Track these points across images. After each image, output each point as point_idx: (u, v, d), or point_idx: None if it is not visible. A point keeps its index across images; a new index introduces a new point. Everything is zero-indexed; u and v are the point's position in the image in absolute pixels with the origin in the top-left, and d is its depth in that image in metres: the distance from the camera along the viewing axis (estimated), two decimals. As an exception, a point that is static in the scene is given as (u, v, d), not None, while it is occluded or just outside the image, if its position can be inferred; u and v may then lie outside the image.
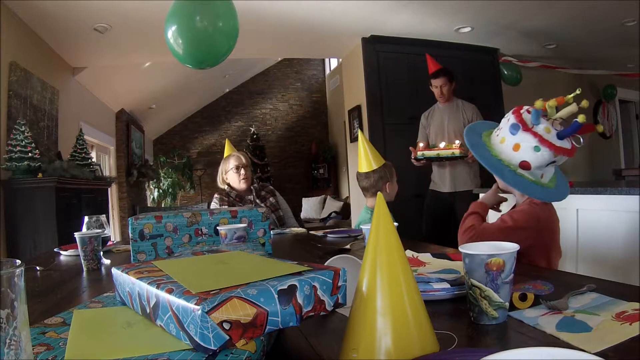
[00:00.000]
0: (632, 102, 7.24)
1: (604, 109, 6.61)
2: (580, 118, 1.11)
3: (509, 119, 1.23)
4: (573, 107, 1.13)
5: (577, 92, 1.13)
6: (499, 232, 1.31)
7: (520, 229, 1.29)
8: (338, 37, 4.57)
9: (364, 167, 2.14)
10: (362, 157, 2.15)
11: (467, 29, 4.41)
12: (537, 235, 1.28)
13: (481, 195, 1.64)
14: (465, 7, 3.81)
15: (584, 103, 1.11)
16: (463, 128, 3.05)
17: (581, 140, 1.19)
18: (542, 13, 4.00)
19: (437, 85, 3.16)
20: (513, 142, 1.19)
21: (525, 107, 1.20)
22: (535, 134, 1.15)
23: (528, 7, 3.85)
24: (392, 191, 2.12)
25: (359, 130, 2.57)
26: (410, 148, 3.13)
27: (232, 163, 2.46)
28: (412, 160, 3.08)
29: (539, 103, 1.16)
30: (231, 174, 2.46)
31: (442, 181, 3.21)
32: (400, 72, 4.53)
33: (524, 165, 1.18)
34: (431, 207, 3.29)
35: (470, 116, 3.15)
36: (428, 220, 3.28)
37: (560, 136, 1.14)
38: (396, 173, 2.21)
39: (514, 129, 1.19)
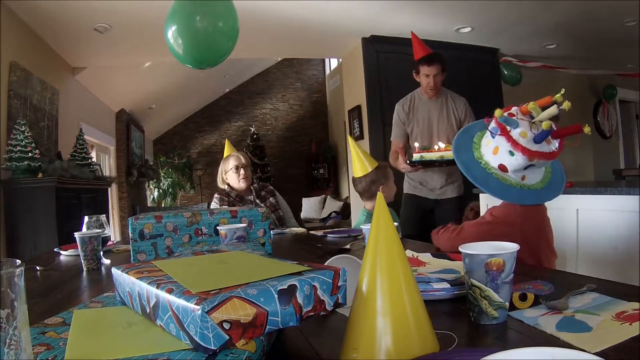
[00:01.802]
0: (632, 102, 7.24)
1: (604, 109, 6.61)
2: (545, 125, 1.09)
3: (492, 121, 1.23)
4: (553, 110, 1.10)
5: (562, 92, 1.11)
6: (477, 227, 1.31)
7: (499, 224, 1.28)
8: (338, 37, 4.57)
9: (356, 172, 2.13)
10: (354, 162, 2.13)
11: (467, 29, 4.41)
12: (519, 232, 1.26)
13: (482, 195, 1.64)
14: (465, 7, 3.81)
15: (566, 105, 1.09)
16: (455, 128, 2.62)
17: (556, 144, 1.17)
18: (542, 13, 4.00)
19: (429, 74, 2.55)
20: (493, 145, 1.20)
21: (510, 111, 1.20)
22: (510, 138, 1.15)
23: (528, 7, 3.85)
24: (388, 193, 2.10)
25: (349, 136, 2.42)
26: (398, 149, 2.62)
27: (231, 163, 2.47)
28: (402, 165, 2.53)
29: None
30: (231, 174, 2.46)
31: (428, 185, 2.68)
32: (400, 72, 4.53)
33: (502, 168, 1.20)
34: (411, 216, 2.71)
35: (462, 113, 2.63)
36: (405, 232, 2.52)
37: (536, 140, 1.13)
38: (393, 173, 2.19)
39: (494, 131, 1.20)
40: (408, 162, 2.50)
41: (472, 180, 1.24)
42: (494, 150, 1.20)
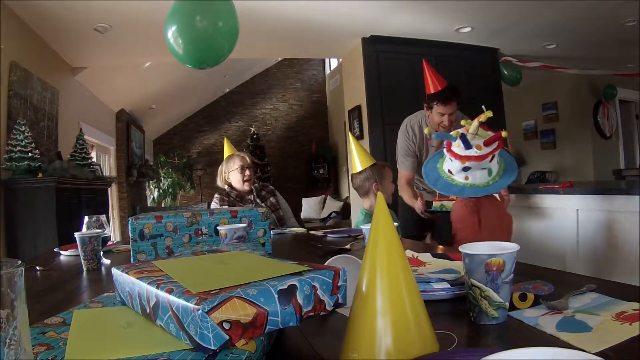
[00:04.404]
0: (632, 102, 7.23)
1: (604, 109, 6.61)
2: (455, 133, 1.49)
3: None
4: (475, 123, 1.50)
5: (483, 107, 1.51)
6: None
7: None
8: (338, 37, 4.57)
9: (353, 168, 2.17)
10: (352, 159, 2.15)
11: (467, 29, 4.41)
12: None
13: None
14: (465, 7, 3.81)
15: (483, 117, 1.50)
16: None
17: (488, 150, 1.52)
18: (542, 13, 4.00)
19: (444, 113, 2.21)
20: (446, 157, 1.59)
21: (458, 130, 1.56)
22: (449, 150, 1.54)
23: (528, 7, 3.85)
24: (384, 192, 2.10)
25: (349, 133, 2.39)
26: (419, 195, 2.29)
27: (237, 163, 2.44)
28: (421, 213, 2.18)
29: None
30: (235, 173, 2.44)
31: (427, 188, 2.45)
32: (400, 72, 4.53)
33: (449, 171, 1.59)
34: (410, 216, 2.41)
35: None
36: (404, 232, 2.32)
37: (465, 148, 1.47)
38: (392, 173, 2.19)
39: (445, 146, 1.59)
40: (427, 210, 2.19)
41: (427, 182, 1.68)
42: (445, 160, 1.59)
